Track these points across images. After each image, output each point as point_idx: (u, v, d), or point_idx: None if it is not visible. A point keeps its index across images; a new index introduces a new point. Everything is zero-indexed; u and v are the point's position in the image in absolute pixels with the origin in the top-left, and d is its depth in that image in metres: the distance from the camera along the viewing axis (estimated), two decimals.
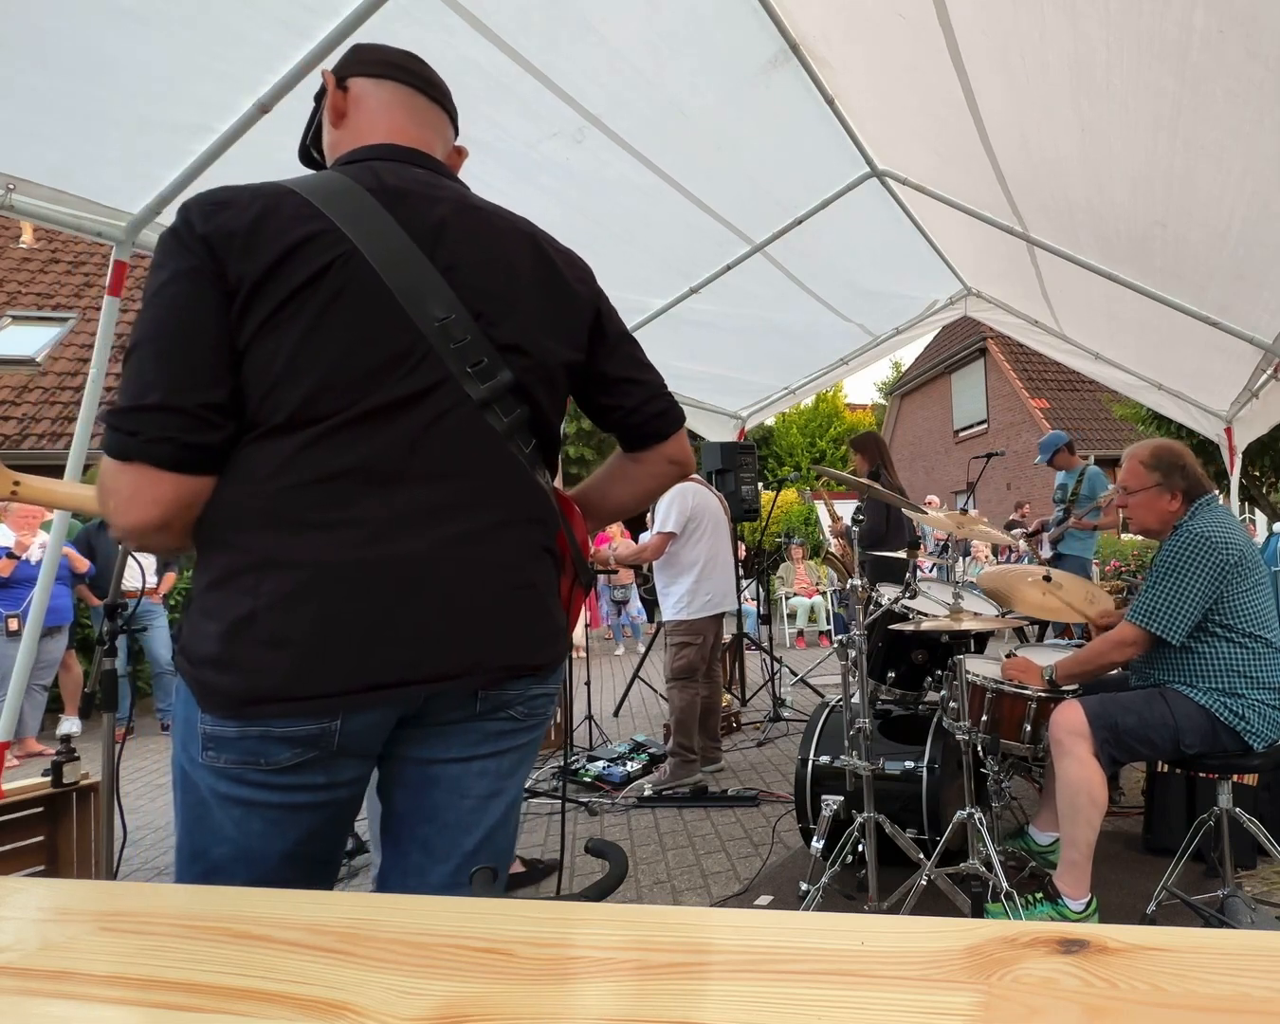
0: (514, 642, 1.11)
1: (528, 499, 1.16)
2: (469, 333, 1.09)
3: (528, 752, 1.19)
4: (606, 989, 0.40)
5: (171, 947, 0.47)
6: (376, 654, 1.01)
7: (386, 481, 1.04)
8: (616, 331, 1.29)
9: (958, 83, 2.76)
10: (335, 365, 1.03)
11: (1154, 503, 2.47)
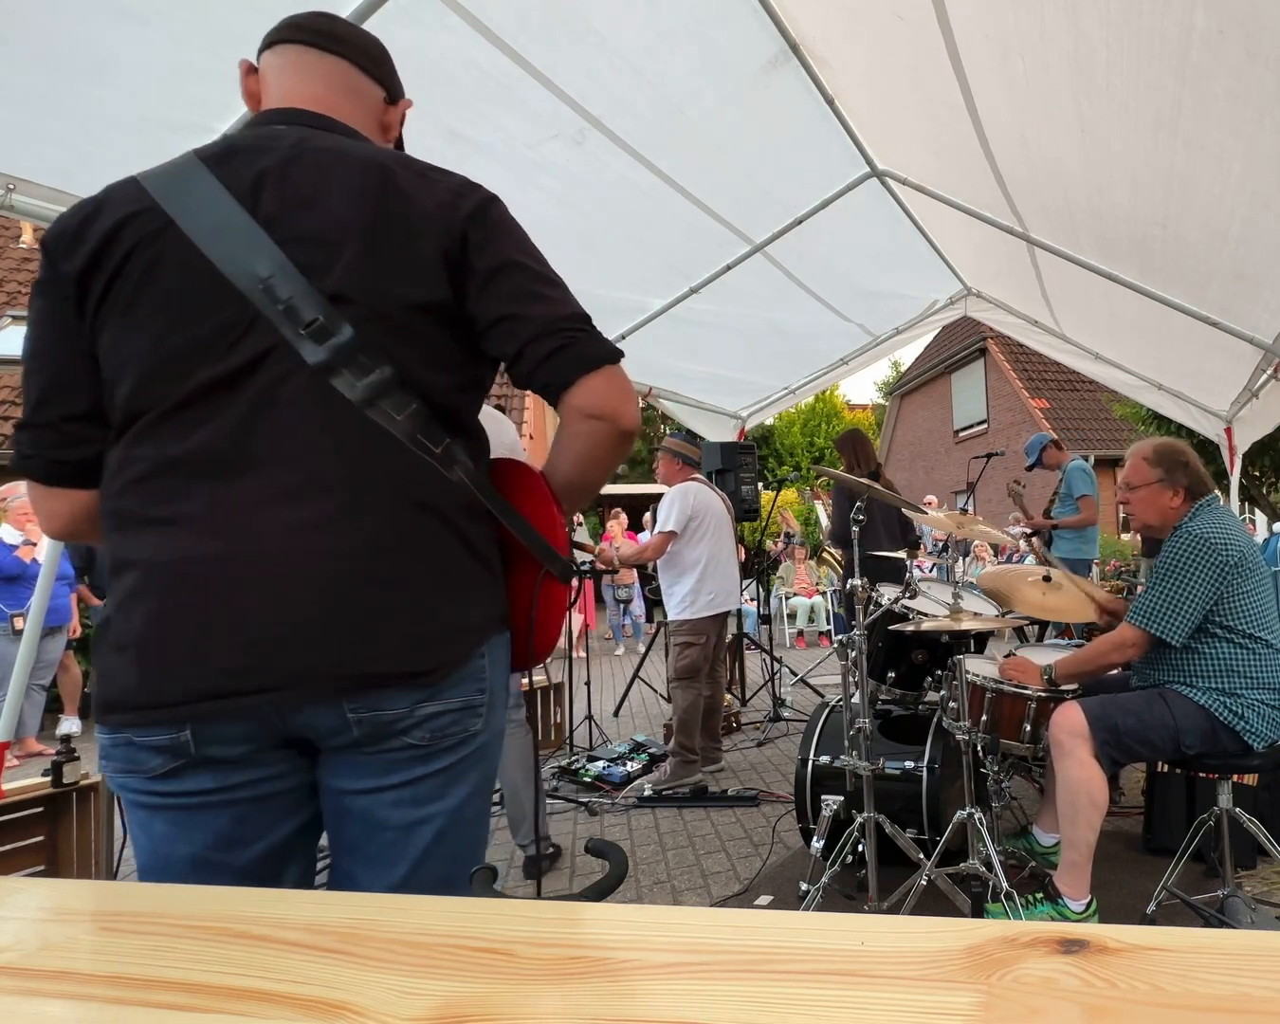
0: (367, 644, 0.94)
1: (401, 475, 0.98)
2: (294, 289, 0.95)
3: (455, 772, 1.02)
4: (606, 989, 0.40)
5: (171, 947, 0.47)
6: (211, 661, 0.91)
7: (218, 469, 0.94)
8: (493, 262, 1.03)
9: (957, 83, 2.76)
10: (153, 351, 0.96)
11: (1156, 499, 2.47)
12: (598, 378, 1.03)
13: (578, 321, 1.05)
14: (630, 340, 4.65)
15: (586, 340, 1.04)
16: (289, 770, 1.00)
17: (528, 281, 1.05)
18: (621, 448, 1.07)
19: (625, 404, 1.05)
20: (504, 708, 1.09)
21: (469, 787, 1.04)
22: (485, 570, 1.05)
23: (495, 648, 1.05)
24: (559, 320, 1.04)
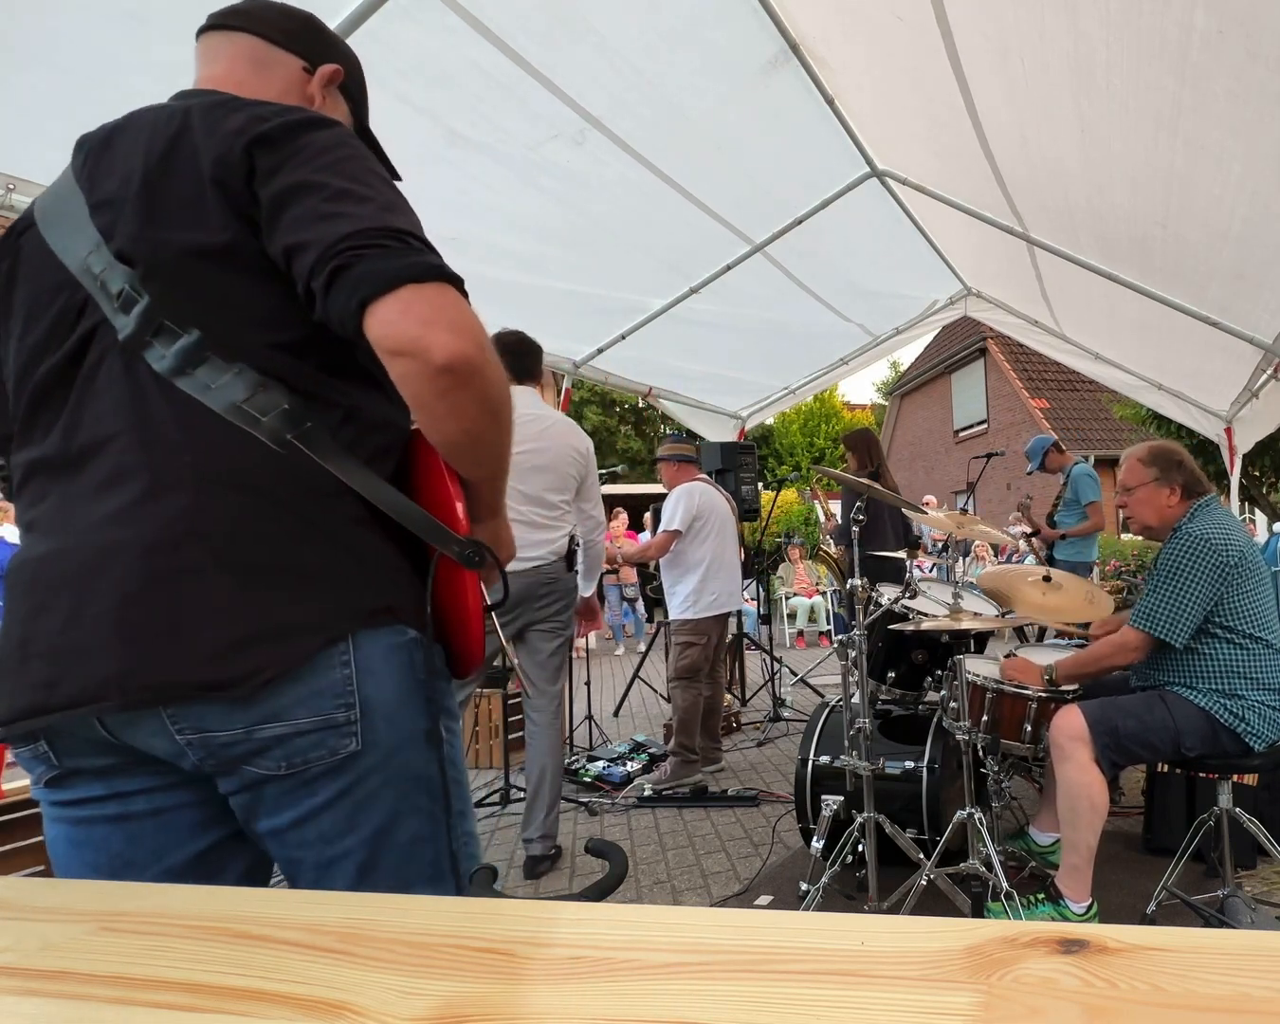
0: (159, 650, 0.82)
1: (212, 453, 0.86)
2: (105, 260, 0.87)
3: (356, 798, 0.88)
4: (606, 989, 0.40)
5: (171, 947, 0.47)
6: (29, 673, 0.84)
7: (60, 467, 0.89)
8: (279, 188, 0.85)
9: (957, 84, 2.76)
10: (17, 354, 0.93)
11: (1153, 498, 2.48)
12: (389, 301, 0.79)
13: (373, 236, 0.82)
14: (630, 340, 4.65)
15: (377, 256, 0.81)
16: (187, 779, 0.89)
17: (321, 202, 0.84)
18: (450, 391, 0.82)
19: (429, 329, 0.79)
20: (410, 721, 0.91)
21: (385, 810, 0.90)
22: (341, 557, 0.89)
23: (369, 653, 0.88)
24: (344, 238, 0.81)
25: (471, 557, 0.91)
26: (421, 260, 0.82)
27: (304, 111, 0.92)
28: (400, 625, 0.92)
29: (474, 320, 0.84)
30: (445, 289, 0.83)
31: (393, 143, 2.90)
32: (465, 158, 2.90)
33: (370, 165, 0.91)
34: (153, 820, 0.90)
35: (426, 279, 0.81)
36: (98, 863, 0.89)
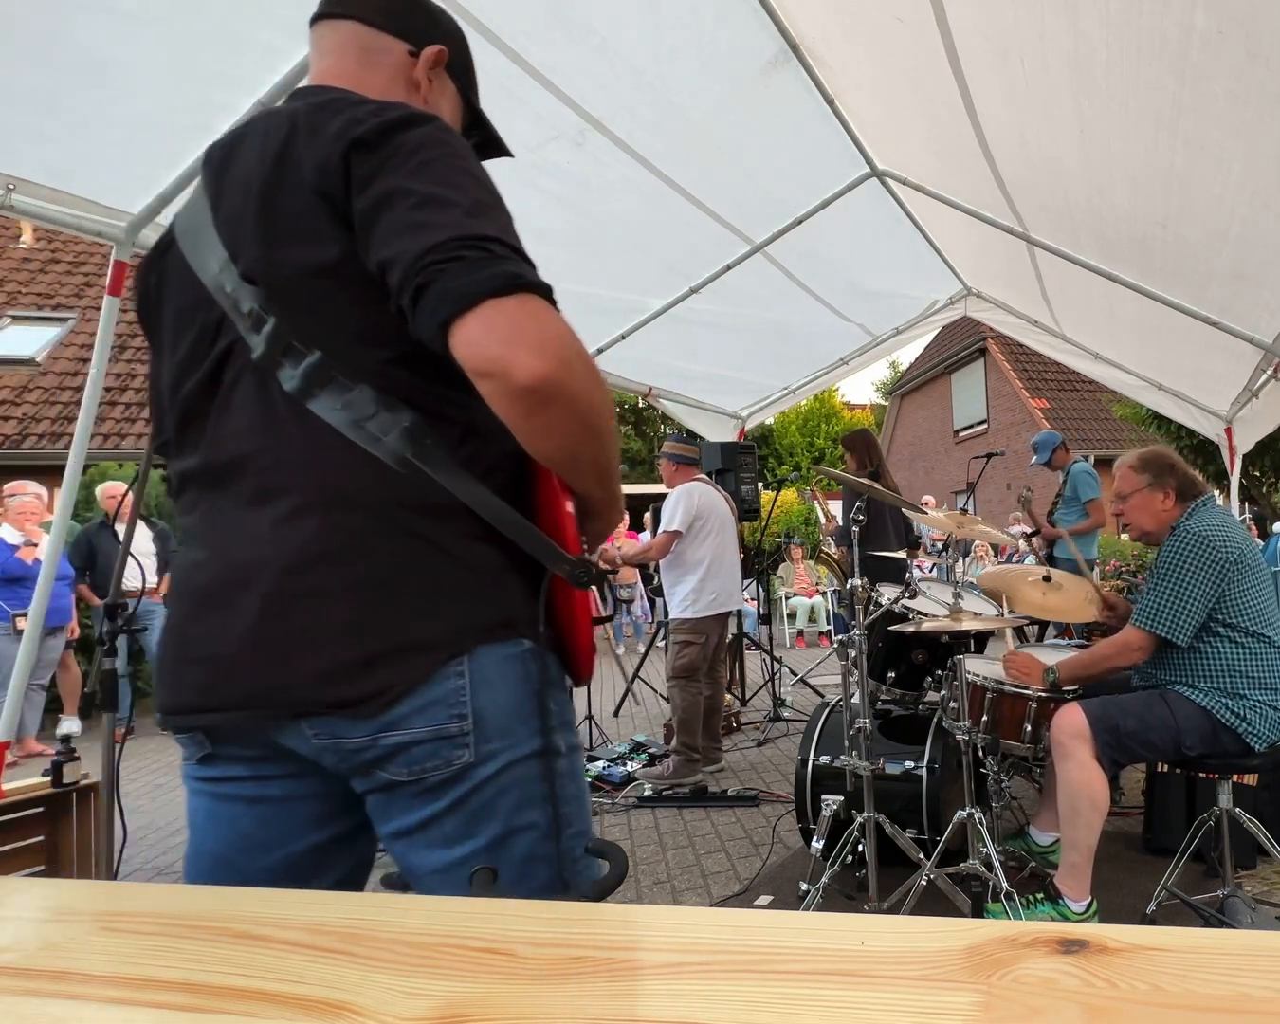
0: (291, 670, 0.85)
1: (337, 473, 0.87)
2: (233, 278, 0.89)
3: (473, 808, 0.89)
4: (606, 989, 0.40)
5: (171, 947, 0.47)
6: (188, 675, 0.91)
7: (205, 481, 0.94)
8: (373, 198, 0.83)
9: (956, 84, 2.76)
10: (168, 370, 0.97)
11: (1148, 504, 2.48)
12: (470, 321, 0.77)
13: (454, 247, 0.78)
14: (630, 340, 4.65)
15: (457, 270, 0.77)
16: (322, 774, 0.93)
17: (407, 211, 0.81)
18: (537, 411, 0.80)
19: (510, 349, 0.77)
20: (523, 733, 0.91)
21: (501, 823, 0.90)
22: (460, 573, 0.90)
23: (485, 663, 0.89)
24: (426, 252, 0.78)
25: (580, 577, 0.91)
26: (501, 271, 0.79)
27: (399, 109, 0.89)
28: (517, 637, 0.92)
29: (559, 333, 0.81)
30: (527, 301, 0.79)
31: None
32: None
33: (461, 163, 0.88)
34: (283, 806, 0.94)
35: (508, 292, 0.78)
36: (228, 838, 0.94)
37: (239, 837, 0.94)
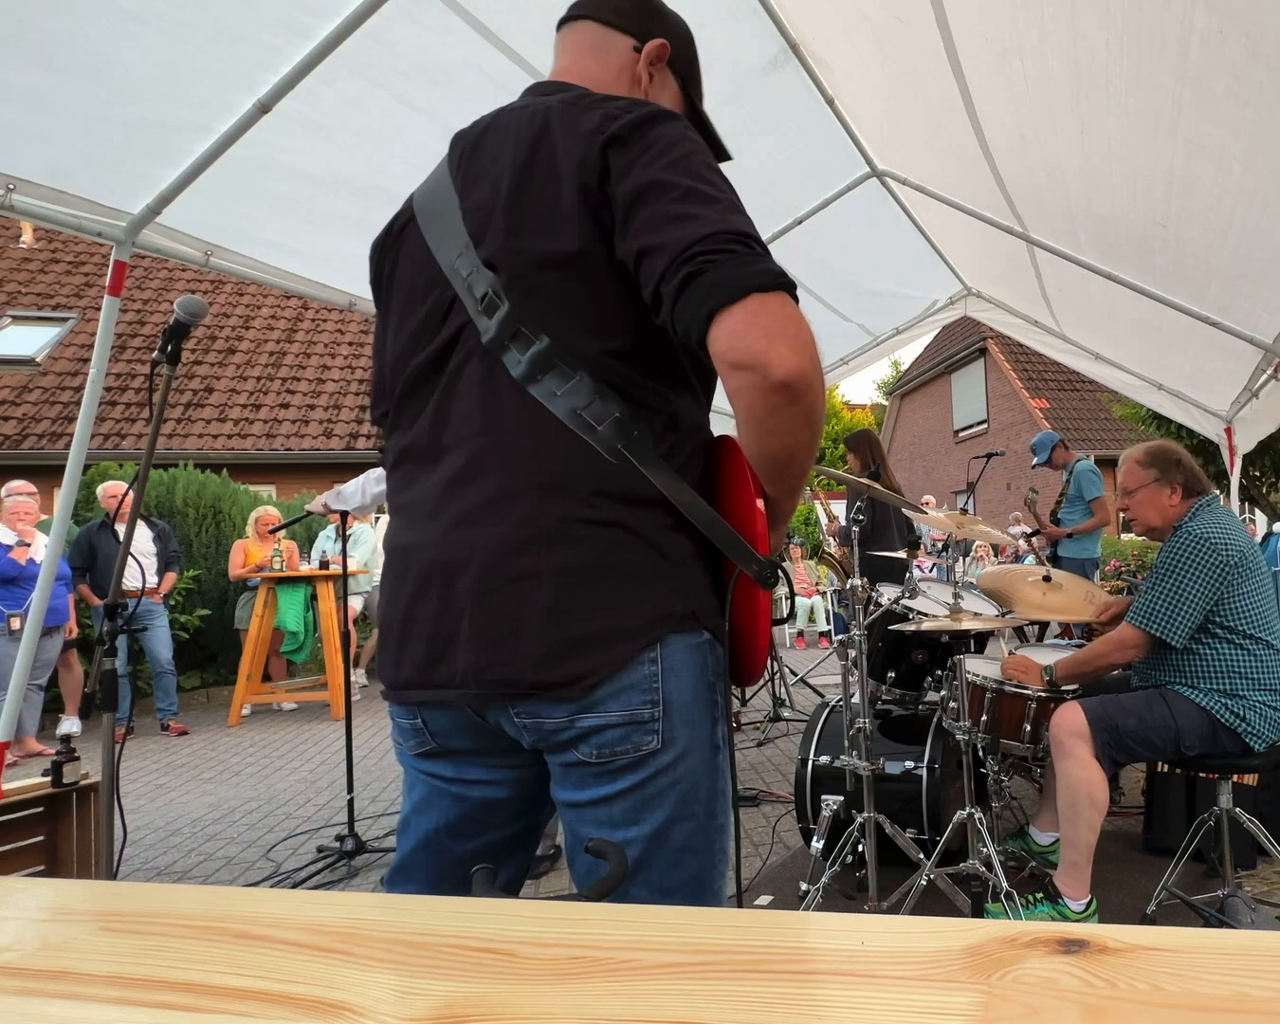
0: (504, 651, 0.88)
1: (552, 459, 0.90)
2: (472, 264, 0.93)
3: (645, 794, 0.91)
4: (606, 989, 0.40)
5: (171, 947, 0.47)
6: (409, 651, 0.95)
7: (424, 457, 0.97)
8: (634, 187, 0.86)
9: (956, 84, 2.76)
10: (393, 344, 1.02)
11: (1155, 499, 2.48)
12: (736, 312, 0.80)
13: (722, 240, 0.81)
14: None
15: (727, 262, 0.80)
16: (518, 777, 1.02)
17: (671, 202, 0.84)
18: (783, 408, 0.83)
19: (772, 344, 0.80)
20: (700, 723, 0.94)
21: (666, 812, 0.92)
22: (658, 563, 0.91)
23: (673, 651, 0.91)
24: (696, 243, 0.81)
25: (768, 577, 0.92)
26: (766, 268, 0.82)
27: (649, 106, 0.93)
28: (700, 628, 0.94)
29: (810, 334, 0.86)
30: (786, 300, 0.84)
31: (393, 143, 2.91)
32: None
33: (711, 161, 0.92)
34: (483, 805, 1.03)
35: (771, 288, 0.82)
36: (436, 824, 1.04)
37: (445, 824, 1.04)
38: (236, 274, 3.16)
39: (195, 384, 11.67)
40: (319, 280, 3.40)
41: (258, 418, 11.54)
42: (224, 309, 13.07)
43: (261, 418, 11.56)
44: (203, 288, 12.76)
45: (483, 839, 1.04)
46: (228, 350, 12.48)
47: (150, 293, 12.61)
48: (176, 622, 6.69)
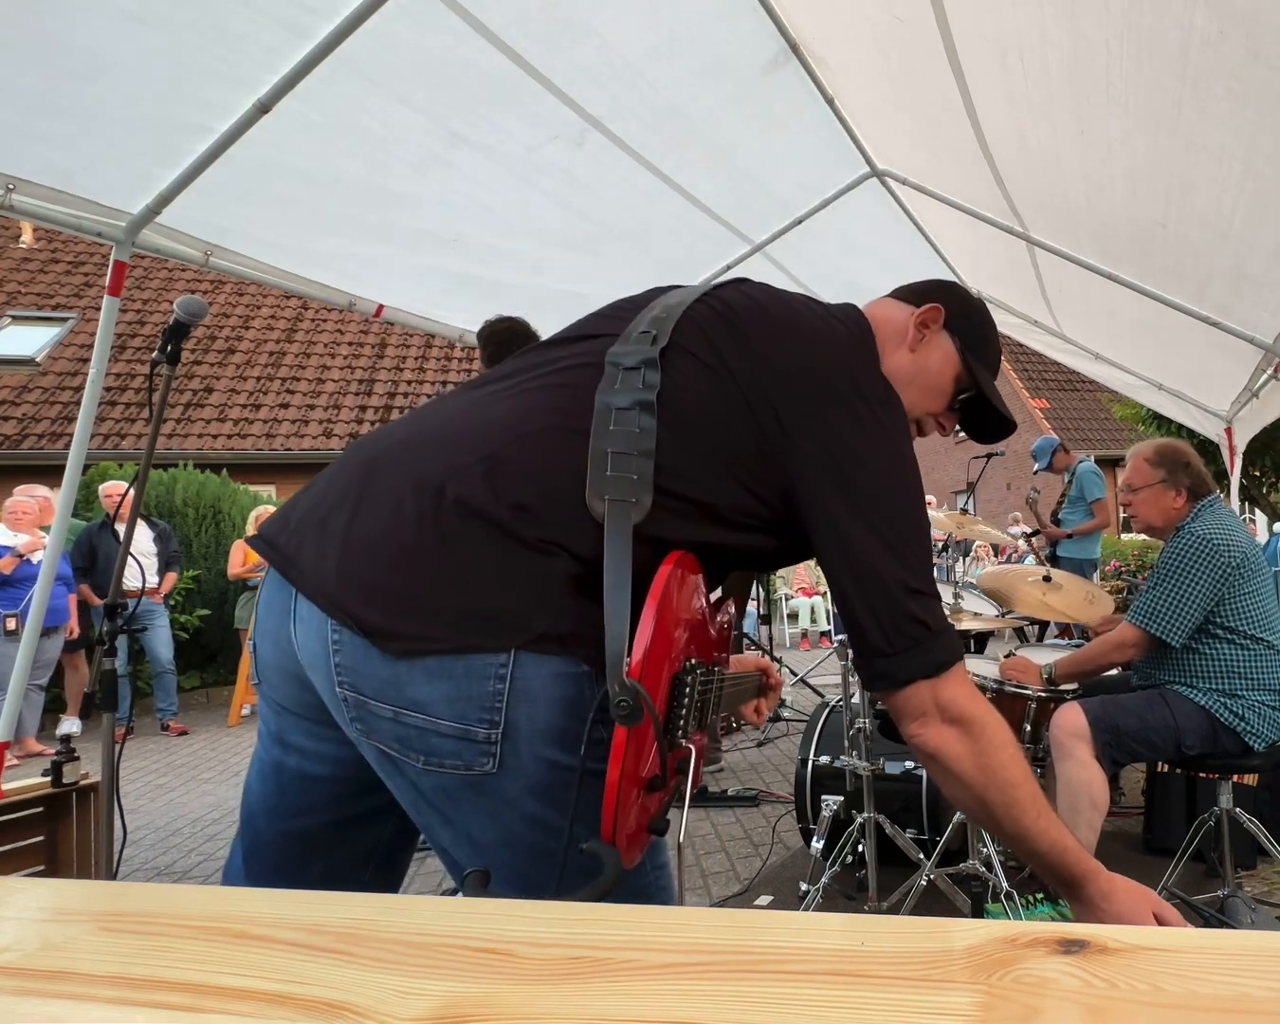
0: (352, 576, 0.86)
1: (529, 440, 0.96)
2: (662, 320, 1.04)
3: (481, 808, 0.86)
4: (606, 989, 0.40)
5: (171, 947, 0.47)
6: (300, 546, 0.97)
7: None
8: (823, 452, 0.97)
9: (956, 84, 2.76)
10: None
11: (1159, 500, 2.47)
12: (908, 693, 0.95)
13: (905, 624, 0.93)
14: None
15: (908, 651, 0.93)
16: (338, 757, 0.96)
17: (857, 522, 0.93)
18: (939, 771, 0.98)
19: (927, 725, 0.95)
20: (544, 757, 0.85)
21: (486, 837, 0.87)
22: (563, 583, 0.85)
23: (528, 675, 0.83)
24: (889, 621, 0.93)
25: (622, 704, 0.76)
26: (934, 660, 0.93)
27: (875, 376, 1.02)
28: (572, 656, 0.84)
29: (967, 707, 0.95)
30: (952, 679, 0.95)
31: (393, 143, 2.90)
32: (465, 159, 2.90)
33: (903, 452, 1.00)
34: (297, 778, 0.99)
35: (935, 674, 0.94)
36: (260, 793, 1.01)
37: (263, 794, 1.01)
38: (236, 274, 3.16)
39: (195, 384, 11.67)
40: (319, 280, 3.40)
41: (257, 418, 11.54)
42: (224, 309, 13.07)
43: (261, 418, 11.56)
44: (203, 288, 12.75)
45: (298, 822, 0.99)
46: (227, 350, 12.48)
47: (150, 293, 12.61)
48: (176, 622, 6.69)
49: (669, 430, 0.91)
